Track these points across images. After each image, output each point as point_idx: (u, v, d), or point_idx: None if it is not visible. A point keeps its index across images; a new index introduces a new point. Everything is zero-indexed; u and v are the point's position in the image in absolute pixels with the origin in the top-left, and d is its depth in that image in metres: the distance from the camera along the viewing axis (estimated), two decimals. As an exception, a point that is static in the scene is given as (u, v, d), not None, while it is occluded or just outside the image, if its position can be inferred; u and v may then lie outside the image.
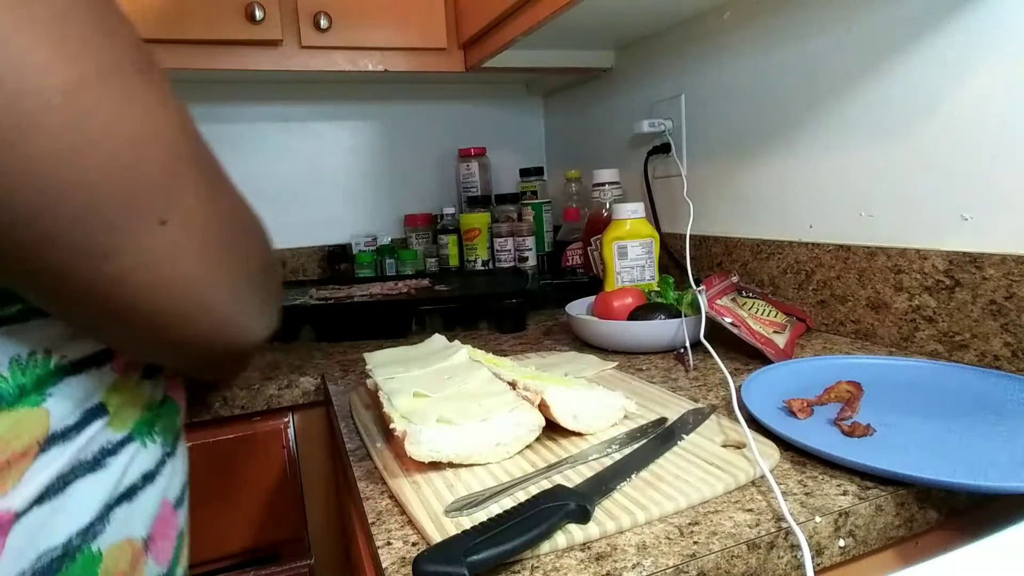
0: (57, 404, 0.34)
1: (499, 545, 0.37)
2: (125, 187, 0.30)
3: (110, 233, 0.30)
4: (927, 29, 0.73)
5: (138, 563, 0.38)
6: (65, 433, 0.34)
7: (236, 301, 0.37)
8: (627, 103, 1.33)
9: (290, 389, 0.86)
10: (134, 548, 0.38)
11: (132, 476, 0.39)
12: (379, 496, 0.50)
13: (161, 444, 0.42)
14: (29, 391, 0.33)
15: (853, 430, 0.53)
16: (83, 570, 0.34)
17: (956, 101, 0.71)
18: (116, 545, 0.37)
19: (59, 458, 0.34)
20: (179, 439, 0.47)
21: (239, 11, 1.12)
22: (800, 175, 0.92)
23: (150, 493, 0.40)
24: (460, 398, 0.57)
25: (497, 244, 1.45)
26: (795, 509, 0.44)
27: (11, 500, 0.31)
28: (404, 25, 1.24)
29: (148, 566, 0.39)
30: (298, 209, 1.54)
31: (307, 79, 1.45)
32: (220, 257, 0.35)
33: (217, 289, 0.35)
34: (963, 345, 0.71)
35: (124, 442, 0.38)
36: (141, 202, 0.30)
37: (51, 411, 0.34)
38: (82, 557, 0.34)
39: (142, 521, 0.39)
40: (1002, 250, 0.67)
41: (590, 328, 0.88)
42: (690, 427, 0.56)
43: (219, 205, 0.36)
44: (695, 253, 1.12)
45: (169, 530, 0.42)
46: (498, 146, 1.68)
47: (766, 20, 0.95)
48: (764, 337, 0.76)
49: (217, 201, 0.36)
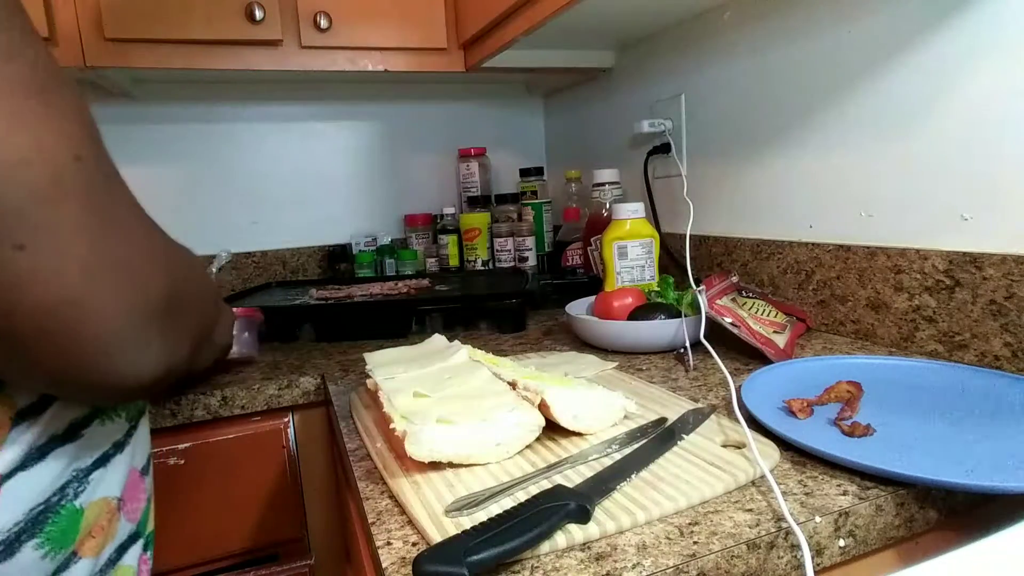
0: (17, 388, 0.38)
1: (499, 545, 0.37)
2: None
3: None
4: (927, 29, 0.73)
5: (113, 519, 0.45)
6: (31, 409, 0.39)
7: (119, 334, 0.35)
8: (627, 103, 1.33)
9: (290, 389, 0.86)
10: (110, 506, 0.45)
11: (104, 445, 0.45)
12: (379, 496, 0.50)
13: (126, 419, 0.48)
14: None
15: (853, 430, 0.53)
16: (68, 521, 0.41)
17: (956, 101, 0.71)
18: (95, 502, 0.43)
19: (29, 431, 0.39)
20: (143, 415, 0.51)
21: (239, 11, 1.12)
22: (800, 175, 0.92)
23: (120, 460, 0.46)
24: (460, 398, 0.57)
25: (497, 244, 1.45)
26: (795, 509, 0.44)
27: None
28: (404, 25, 1.24)
29: (121, 523, 0.47)
30: (298, 209, 1.54)
31: (307, 79, 1.45)
32: (98, 286, 0.34)
33: (92, 320, 0.34)
34: (963, 345, 0.71)
35: (90, 417, 0.44)
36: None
37: (13, 395, 0.38)
38: (66, 511, 0.41)
39: (116, 483, 0.46)
40: (1002, 250, 0.67)
41: (590, 328, 0.88)
42: (690, 427, 0.56)
43: (106, 233, 0.35)
44: (695, 253, 1.12)
45: (139, 493, 0.49)
46: (498, 146, 1.68)
47: (766, 20, 0.95)
48: (764, 337, 0.76)
49: (103, 230, 0.34)
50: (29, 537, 0.39)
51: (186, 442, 0.82)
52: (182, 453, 0.82)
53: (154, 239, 0.40)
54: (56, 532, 0.40)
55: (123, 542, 0.47)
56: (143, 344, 0.37)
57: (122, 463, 0.47)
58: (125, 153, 1.37)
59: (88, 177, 0.34)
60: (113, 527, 0.46)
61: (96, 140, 0.36)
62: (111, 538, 0.45)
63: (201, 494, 0.84)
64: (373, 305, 1.09)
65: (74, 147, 0.33)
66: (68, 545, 0.41)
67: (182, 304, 0.42)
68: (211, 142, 1.46)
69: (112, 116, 1.37)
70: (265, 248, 1.51)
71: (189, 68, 1.14)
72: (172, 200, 1.43)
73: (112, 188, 0.37)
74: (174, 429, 0.82)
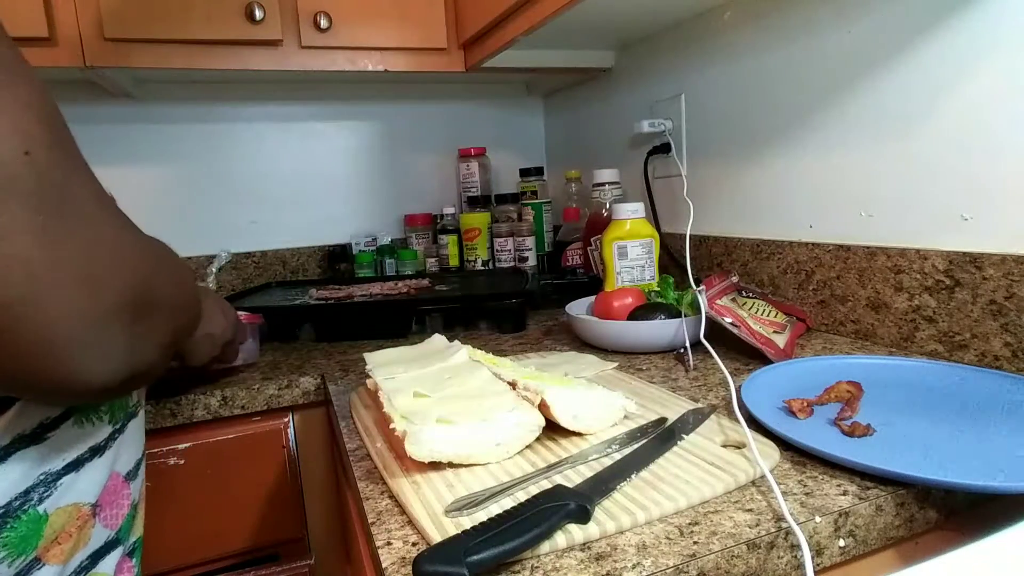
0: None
1: (499, 545, 0.37)
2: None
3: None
4: (927, 29, 0.73)
5: (85, 525, 0.43)
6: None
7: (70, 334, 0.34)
8: (627, 103, 1.33)
9: (290, 389, 0.86)
10: (81, 512, 0.42)
11: (78, 449, 0.42)
12: (379, 496, 0.50)
13: (109, 422, 0.45)
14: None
15: (853, 430, 0.53)
16: (29, 527, 0.39)
17: (956, 101, 0.71)
18: (62, 508, 0.41)
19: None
20: (133, 417, 0.49)
21: (239, 11, 1.12)
22: (800, 175, 0.92)
23: (98, 464, 0.44)
24: (460, 398, 0.57)
25: (497, 244, 1.45)
26: (795, 509, 0.44)
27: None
28: (404, 25, 1.24)
29: (96, 529, 0.44)
30: (298, 209, 1.54)
31: (307, 79, 1.45)
32: (45, 286, 0.33)
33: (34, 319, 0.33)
34: (963, 345, 0.71)
35: (61, 418, 0.41)
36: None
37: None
38: (27, 516, 0.39)
39: (90, 489, 0.43)
40: (1002, 250, 0.67)
41: (590, 328, 0.88)
42: (690, 427, 0.56)
43: (56, 232, 0.34)
44: (695, 253, 1.12)
45: (120, 499, 0.46)
46: (498, 146, 1.68)
47: (766, 20, 0.95)
48: (764, 337, 0.76)
49: (53, 227, 0.34)
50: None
51: (186, 442, 0.82)
52: (182, 453, 0.82)
53: (120, 236, 0.38)
54: (14, 538, 0.39)
55: (97, 549, 0.45)
56: (97, 347, 0.36)
57: (100, 468, 0.44)
58: (125, 153, 1.37)
59: (38, 174, 0.33)
60: (85, 534, 0.44)
61: (53, 134, 0.34)
62: (82, 545, 0.43)
63: (201, 494, 0.84)
64: (373, 305, 1.09)
65: (24, 143, 0.32)
66: (28, 552, 0.40)
67: (151, 303, 0.40)
68: (211, 142, 1.46)
69: (112, 116, 1.37)
70: (265, 248, 1.51)
71: (189, 68, 1.14)
72: (172, 200, 1.43)
73: (69, 184, 0.35)
74: (174, 429, 0.82)
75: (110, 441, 0.46)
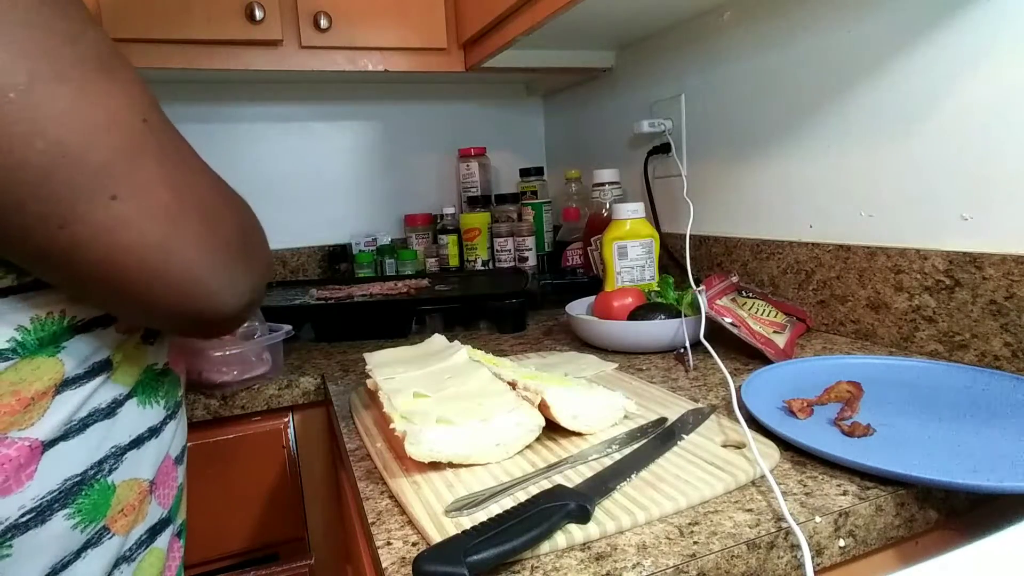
0: (69, 355, 0.41)
1: (499, 545, 0.37)
2: (72, 168, 0.34)
3: (61, 205, 0.35)
4: (927, 29, 0.73)
5: (144, 501, 0.47)
6: (77, 379, 0.41)
7: (205, 267, 0.40)
8: (627, 103, 1.33)
9: (290, 389, 0.86)
10: (141, 487, 0.47)
11: (139, 428, 0.47)
12: (379, 496, 0.50)
13: (164, 407, 0.50)
14: (47, 343, 0.40)
15: (853, 430, 0.53)
16: (100, 495, 0.43)
17: (956, 101, 0.71)
18: (126, 482, 0.45)
19: (71, 400, 0.41)
20: (180, 407, 0.54)
21: (239, 11, 1.12)
22: (800, 175, 0.92)
23: (155, 444, 0.48)
24: (460, 398, 0.57)
25: (497, 244, 1.45)
26: (795, 509, 0.44)
27: (37, 431, 0.39)
28: (404, 25, 1.24)
29: (152, 506, 0.48)
30: (298, 209, 1.54)
31: (307, 79, 1.45)
32: (181, 227, 0.38)
33: (179, 255, 0.38)
34: (963, 345, 0.71)
35: (129, 396, 0.46)
36: (89, 181, 0.35)
37: (64, 361, 0.41)
38: (99, 485, 0.43)
39: (148, 466, 0.48)
40: (1002, 250, 0.67)
41: (590, 328, 0.88)
42: (690, 427, 0.56)
43: (181, 182, 0.39)
44: (695, 253, 1.12)
45: (171, 480, 0.51)
46: (498, 146, 1.68)
47: (766, 20, 0.95)
48: (764, 337, 0.76)
49: (178, 178, 0.39)
50: (61, 507, 0.41)
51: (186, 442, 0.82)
52: (182, 453, 0.82)
53: (219, 181, 0.44)
54: (88, 505, 0.42)
55: (154, 525, 0.48)
56: (226, 275, 0.41)
57: (157, 447, 0.48)
58: (125, 153, 1.37)
59: (157, 136, 0.39)
60: (144, 508, 0.47)
61: (156, 105, 0.40)
62: (141, 519, 0.47)
63: (201, 494, 0.84)
64: (373, 305, 1.09)
65: (141, 111, 0.38)
66: (99, 519, 0.43)
67: (251, 242, 0.46)
68: (211, 142, 1.46)
69: (112, 116, 1.37)
70: (265, 248, 1.51)
71: (189, 68, 1.14)
72: (172, 200, 1.43)
73: (178, 144, 0.41)
74: (174, 429, 0.82)
75: (164, 424, 0.50)
